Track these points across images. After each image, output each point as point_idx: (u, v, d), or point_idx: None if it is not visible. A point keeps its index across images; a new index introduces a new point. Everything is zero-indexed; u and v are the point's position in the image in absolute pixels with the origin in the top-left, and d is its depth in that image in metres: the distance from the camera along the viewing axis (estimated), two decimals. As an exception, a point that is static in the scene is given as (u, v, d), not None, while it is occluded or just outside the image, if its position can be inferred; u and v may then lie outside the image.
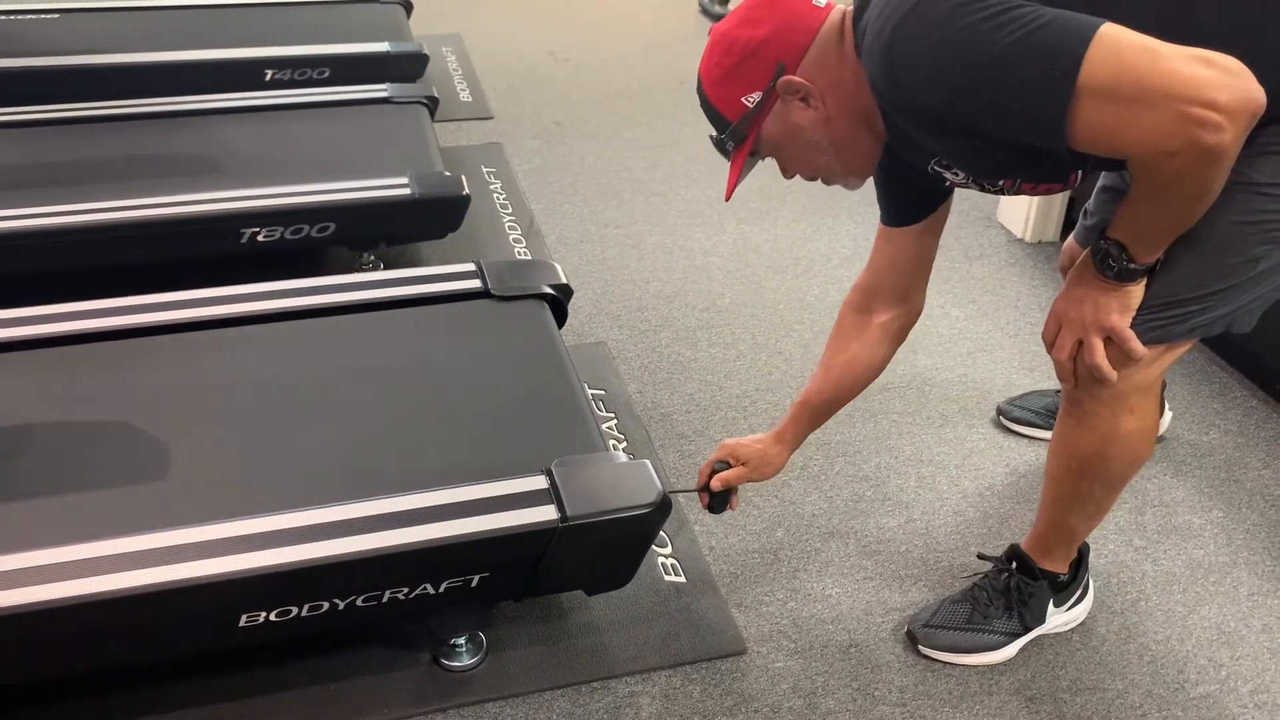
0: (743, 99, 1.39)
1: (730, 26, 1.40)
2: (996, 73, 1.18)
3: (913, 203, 1.60)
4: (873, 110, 1.37)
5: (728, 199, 1.51)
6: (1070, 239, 1.87)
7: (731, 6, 4.44)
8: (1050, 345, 1.44)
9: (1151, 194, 1.24)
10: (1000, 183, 1.43)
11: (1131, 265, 1.31)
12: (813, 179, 1.50)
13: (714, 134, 1.45)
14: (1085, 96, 1.14)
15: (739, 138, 1.42)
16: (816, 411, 1.71)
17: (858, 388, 1.70)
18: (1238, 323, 1.41)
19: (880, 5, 1.28)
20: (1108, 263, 1.32)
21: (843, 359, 1.67)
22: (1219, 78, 1.12)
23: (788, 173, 1.50)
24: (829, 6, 1.38)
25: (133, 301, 1.96)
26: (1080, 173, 1.39)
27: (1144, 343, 1.39)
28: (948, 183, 1.49)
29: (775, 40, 1.36)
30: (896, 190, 1.60)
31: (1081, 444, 1.52)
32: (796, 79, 1.36)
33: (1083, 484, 1.57)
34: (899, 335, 1.69)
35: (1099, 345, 1.38)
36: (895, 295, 1.65)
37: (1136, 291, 1.35)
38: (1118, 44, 1.14)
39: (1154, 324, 1.38)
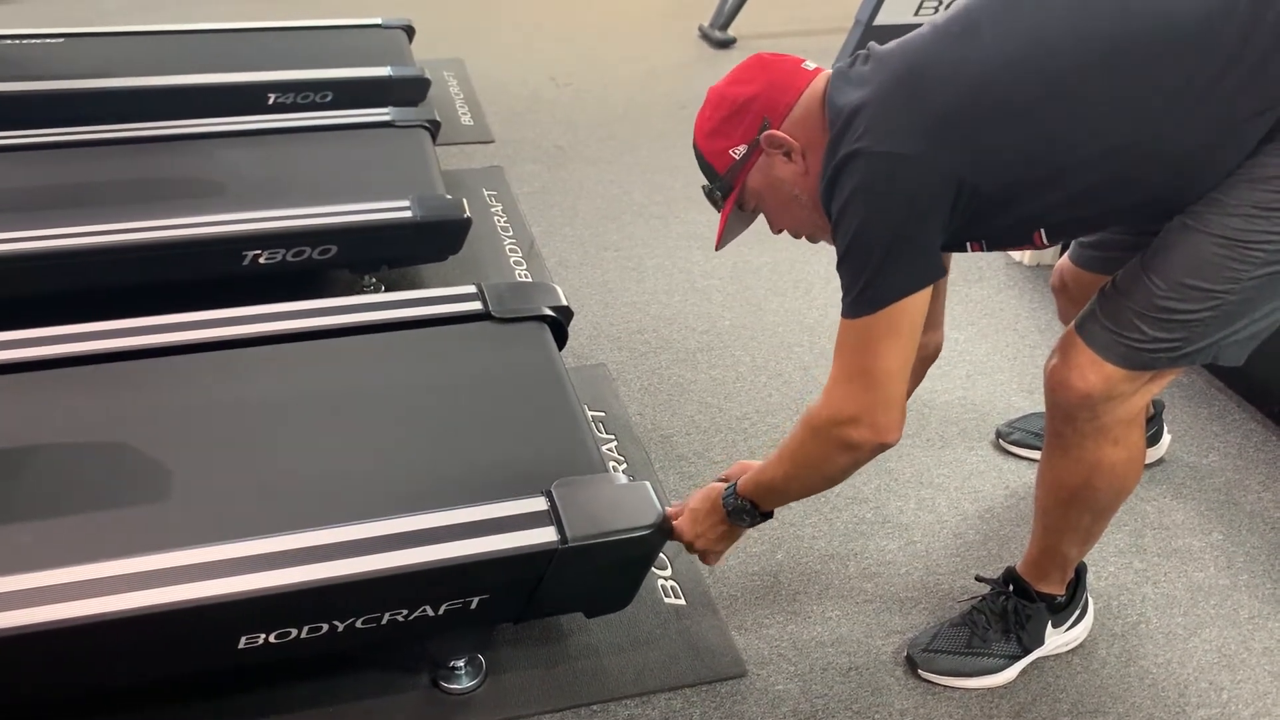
0: (730, 151, 1.48)
1: (724, 85, 1.49)
2: (854, 251, 1.36)
3: None
4: None
5: (717, 249, 1.58)
6: (1064, 258, 1.87)
7: (731, 31, 4.49)
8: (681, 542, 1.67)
9: (796, 460, 1.50)
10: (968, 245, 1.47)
11: (760, 514, 1.59)
12: (797, 235, 1.57)
13: (704, 184, 1.54)
14: (847, 323, 1.40)
15: (726, 189, 1.51)
16: None
17: None
18: (1224, 354, 1.40)
19: (854, 107, 1.35)
20: (742, 517, 1.58)
21: None
22: (877, 418, 1.39)
23: (774, 227, 1.58)
24: (817, 71, 1.47)
25: (134, 324, 1.97)
26: (1044, 232, 1.42)
27: (1130, 367, 1.41)
28: None
29: (763, 97, 1.45)
30: None
31: (1067, 475, 1.53)
32: (779, 134, 1.44)
33: (1071, 513, 1.58)
34: (914, 368, 1.66)
35: (714, 560, 1.68)
36: None
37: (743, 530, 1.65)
38: (885, 323, 1.36)
39: (1135, 348, 1.39)
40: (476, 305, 2.07)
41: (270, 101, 3.17)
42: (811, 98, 1.44)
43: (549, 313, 2.05)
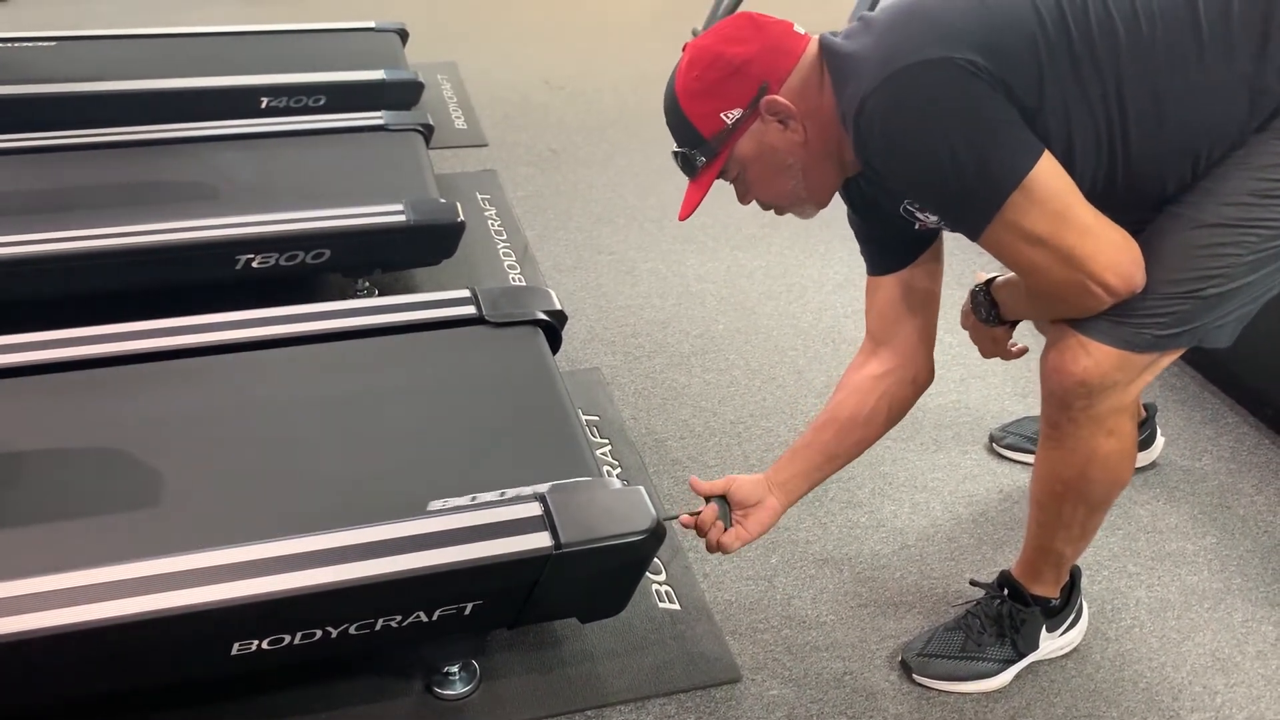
0: (721, 115, 1.39)
1: (713, 42, 1.40)
2: (937, 176, 1.31)
3: (890, 248, 1.61)
4: (844, 142, 1.40)
5: (683, 218, 1.49)
6: None
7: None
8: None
9: (1030, 295, 1.52)
10: None
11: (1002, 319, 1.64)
12: (769, 206, 1.52)
13: (680, 149, 1.46)
14: (1000, 224, 1.32)
15: (712, 154, 1.42)
16: (810, 461, 1.65)
17: (846, 436, 1.63)
18: (1211, 337, 1.40)
19: (863, 52, 1.32)
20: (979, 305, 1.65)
21: (832, 404, 1.66)
22: (1112, 261, 1.32)
23: (746, 198, 1.51)
24: (808, 36, 1.41)
25: (126, 328, 1.96)
26: None
27: (1121, 347, 1.40)
28: (918, 224, 1.51)
29: (761, 60, 1.37)
30: (876, 236, 1.62)
31: (1062, 467, 1.53)
32: (780, 100, 1.37)
33: (1066, 507, 1.57)
34: (894, 391, 1.62)
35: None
36: (890, 348, 1.63)
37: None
38: (1039, 191, 1.28)
39: (1125, 327, 1.39)
40: (470, 309, 2.07)
41: (263, 105, 3.17)
42: (808, 63, 1.38)
43: (543, 317, 2.05)
